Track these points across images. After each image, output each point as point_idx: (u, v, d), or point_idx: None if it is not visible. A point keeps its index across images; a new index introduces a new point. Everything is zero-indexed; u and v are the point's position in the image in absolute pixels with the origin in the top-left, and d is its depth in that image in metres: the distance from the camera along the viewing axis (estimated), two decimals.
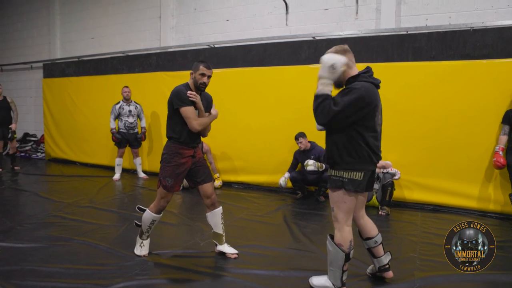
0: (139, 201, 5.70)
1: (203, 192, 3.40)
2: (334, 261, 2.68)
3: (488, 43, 4.89)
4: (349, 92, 2.52)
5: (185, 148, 3.28)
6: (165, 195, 3.29)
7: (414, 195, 5.31)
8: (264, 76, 6.20)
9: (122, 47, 8.30)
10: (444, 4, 5.56)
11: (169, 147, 3.29)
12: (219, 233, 3.48)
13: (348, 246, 2.64)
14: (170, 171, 3.24)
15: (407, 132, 5.23)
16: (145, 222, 3.39)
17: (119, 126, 6.93)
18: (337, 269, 2.68)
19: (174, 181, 3.25)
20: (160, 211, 3.36)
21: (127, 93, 6.93)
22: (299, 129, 5.68)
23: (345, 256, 2.63)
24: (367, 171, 2.62)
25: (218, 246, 3.51)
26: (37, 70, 9.74)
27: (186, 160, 3.28)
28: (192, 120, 3.19)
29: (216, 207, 3.44)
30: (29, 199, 5.49)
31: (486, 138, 4.86)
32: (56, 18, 9.47)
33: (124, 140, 6.95)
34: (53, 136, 9.02)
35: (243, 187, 6.50)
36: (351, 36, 5.80)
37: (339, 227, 2.66)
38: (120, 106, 6.91)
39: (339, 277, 2.68)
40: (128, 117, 6.93)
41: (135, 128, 7.04)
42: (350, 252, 2.66)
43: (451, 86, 4.98)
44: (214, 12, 7.34)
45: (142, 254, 3.41)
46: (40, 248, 3.56)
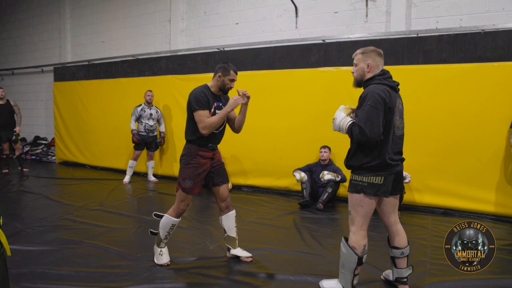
0: (149, 204, 5.72)
1: (219, 194, 3.36)
2: (346, 264, 2.68)
3: (499, 45, 4.84)
4: (364, 100, 2.55)
5: (205, 150, 3.23)
6: (184, 198, 3.22)
7: (424, 198, 5.26)
8: (274, 79, 6.19)
9: (132, 51, 8.37)
10: (454, 7, 5.51)
11: (188, 149, 3.24)
12: (233, 237, 3.46)
13: (361, 250, 2.64)
14: (189, 173, 3.19)
15: (417, 135, 5.18)
16: (164, 227, 3.28)
17: (139, 128, 6.97)
18: (348, 272, 2.67)
19: (193, 183, 3.19)
20: (179, 215, 3.27)
21: (150, 97, 7.00)
22: (309, 132, 5.66)
23: (358, 260, 2.62)
24: (388, 175, 2.62)
25: (232, 250, 3.49)
26: (47, 74, 9.85)
27: (205, 162, 3.24)
28: (199, 123, 3.12)
29: (230, 210, 3.42)
30: (40, 202, 5.52)
31: (497, 141, 4.80)
32: (66, 22, 9.58)
33: (143, 142, 7.00)
34: (63, 139, 9.10)
35: (253, 190, 6.49)
36: (361, 39, 5.78)
37: (355, 230, 2.67)
38: (142, 109, 6.96)
39: (350, 280, 2.68)
40: (149, 120, 6.98)
41: (154, 131, 7.10)
42: (363, 256, 2.66)
43: (462, 89, 4.93)
44: (223, 16, 7.36)
45: (164, 262, 3.29)
46: (50, 251, 3.57)
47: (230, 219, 3.42)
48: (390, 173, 2.62)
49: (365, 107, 2.51)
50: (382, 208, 2.82)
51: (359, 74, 2.73)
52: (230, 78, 3.23)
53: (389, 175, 2.62)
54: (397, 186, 2.74)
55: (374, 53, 2.70)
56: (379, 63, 2.70)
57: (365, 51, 2.70)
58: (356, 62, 2.74)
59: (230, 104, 3.16)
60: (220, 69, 3.23)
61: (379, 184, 2.59)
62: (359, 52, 2.73)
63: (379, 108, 2.49)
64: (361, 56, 2.71)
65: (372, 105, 2.49)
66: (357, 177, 2.65)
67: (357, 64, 2.74)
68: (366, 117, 2.48)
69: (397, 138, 2.69)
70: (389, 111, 2.56)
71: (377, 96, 2.50)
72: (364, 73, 2.70)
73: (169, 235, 3.32)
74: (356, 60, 2.75)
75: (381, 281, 3.06)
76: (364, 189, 2.61)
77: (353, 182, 2.68)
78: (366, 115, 2.49)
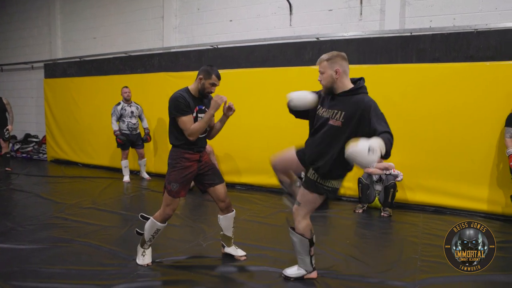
0: (142, 202, 5.69)
1: (216, 195, 3.31)
2: (301, 249, 2.93)
3: (492, 45, 4.87)
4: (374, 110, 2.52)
5: (190, 153, 3.18)
6: (170, 202, 3.15)
7: (416, 196, 5.29)
8: (268, 77, 6.17)
9: (124, 47, 8.28)
10: (448, 6, 5.53)
11: (174, 152, 3.19)
12: (229, 236, 3.45)
13: (309, 234, 2.90)
14: (175, 176, 3.14)
15: (410, 134, 5.21)
16: (148, 231, 3.22)
17: (121, 127, 6.87)
18: (305, 256, 2.93)
19: (180, 186, 3.14)
20: (165, 220, 3.20)
21: (128, 94, 6.86)
22: (302, 130, 5.61)
23: (309, 242, 2.90)
24: None
25: (226, 248, 3.49)
26: (38, 70, 9.72)
27: (191, 164, 3.18)
28: (185, 131, 3.07)
29: (230, 210, 3.38)
30: (31, 201, 5.46)
31: (489, 140, 4.84)
32: (56, 18, 9.43)
33: (128, 141, 6.92)
34: (55, 137, 9.00)
35: (246, 189, 6.48)
36: (355, 37, 5.78)
37: (300, 219, 2.89)
38: (121, 107, 6.84)
39: (308, 262, 2.96)
40: (131, 118, 6.89)
41: (137, 129, 7.01)
42: (313, 237, 2.92)
43: (455, 88, 4.96)
44: (217, 12, 7.32)
45: (145, 263, 3.24)
46: (42, 250, 3.53)
47: (229, 219, 3.40)
48: None
49: (381, 114, 2.50)
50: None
51: (329, 82, 2.67)
52: (211, 82, 3.11)
53: None
54: None
55: (339, 58, 2.65)
56: (346, 67, 2.67)
57: (331, 58, 2.65)
58: (322, 70, 2.68)
59: (212, 106, 3.10)
60: (202, 71, 3.12)
61: (338, 188, 2.80)
62: (324, 59, 2.67)
63: None
64: (327, 63, 2.65)
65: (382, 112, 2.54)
66: (324, 182, 2.75)
67: (323, 72, 2.68)
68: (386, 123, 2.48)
69: None
70: None
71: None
72: (334, 79, 2.64)
73: (153, 238, 3.26)
74: (322, 68, 2.68)
75: (371, 277, 3.08)
76: (327, 193, 2.77)
77: (317, 184, 2.77)
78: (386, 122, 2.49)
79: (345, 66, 2.66)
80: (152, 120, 7.35)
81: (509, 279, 3.00)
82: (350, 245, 3.82)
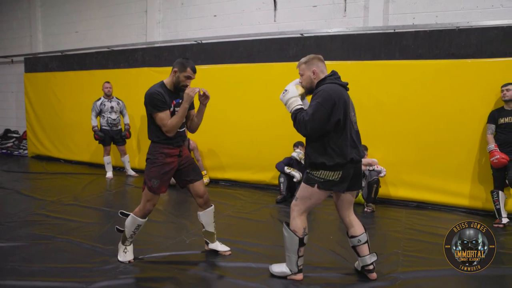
0: (125, 198, 5.63)
1: (195, 192, 3.29)
2: (289, 246, 2.89)
3: (473, 43, 4.94)
4: (315, 97, 2.73)
5: (170, 148, 3.14)
6: (151, 198, 3.12)
7: (399, 192, 5.36)
8: (252, 73, 6.16)
9: (107, 42, 8.15)
10: (431, 3, 5.59)
11: (153, 148, 3.15)
12: (211, 232, 3.43)
13: (302, 233, 2.85)
14: (156, 172, 3.10)
15: (393, 130, 5.27)
16: (129, 227, 3.17)
17: (101, 123, 6.77)
18: (293, 254, 2.89)
19: (160, 182, 3.10)
20: (145, 215, 3.16)
21: (109, 89, 6.77)
22: (286, 126, 5.61)
23: (299, 241, 2.85)
24: (345, 170, 2.74)
25: (210, 244, 3.48)
26: (18, 64, 9.49)
27: (172, 160, 3.14)
28: (162, 127, 3.04)
29: (208, 206, 3.36)
30: (10, 197, 5.35)
31: (470, 136, 4.92)
32: (37, 10, 9.23)
33: (108, 137, 6.82)
34: (36, 133, 8.83)
35: (230, 184, 6.47)
36: (339, 33, 5.80)
37: (295, 216, 2.88)
38: (101, 103, 6.74)
39: (294, 262, 2.90)
40: (111, 114, 6.78)
41: (118, 124, 6.90)
42: (304, 237, 2.86)
43: (437, 84, 5.03)
44: (201, 7, 7.26)
45: (127, 260, 3.19)
46: (21, 247, 3.47)
47: (209, 215, 3.38)
48: (347, 169, 2.75)
49: (314, 103, 2.68)
50: (338, 203, 2.99)
51: (308, 82, 2.89)
52: (186, 75, 3.04)
53: (346, 171, 2.75)
54: (355, 183, 2.85)
55: (316, 60, 2.89)
56: (322, 67, 2.89)
57: (308, 60, 2.89)
58: (302, 72, 2.92)
59: (185, 100, 3.03)
60: (177, 64, 3.05)
61: (335, 180, 2.75)
62: (302, 62, 2.91)
63: (327, 107, 2.64)
64: (305, 65, 2.89)
65: (320, 102, 2.65)
66: (314, 172, 2.80)
67: (303, 74, 2.91)
68: (313, 113, 2.64)
69: (356, 133, 2.86)
70: (344, 107, 2.71)
71: (327, 95, 2.66)
72: (312, 80, 2.87)
73: (134, 234, 3.22)
74: (301, 71, 2.92)
75: (354, 271, 3.15)
76: (319, 184, 2.76)
77: (309, 175, 2.84)
78: (313, 111, 2.65)
79: (321, 66, 2.89)
80: (135, 115, 7.27)
81: (490, 272, 3.05)
82: (333, 241, 3.85)
